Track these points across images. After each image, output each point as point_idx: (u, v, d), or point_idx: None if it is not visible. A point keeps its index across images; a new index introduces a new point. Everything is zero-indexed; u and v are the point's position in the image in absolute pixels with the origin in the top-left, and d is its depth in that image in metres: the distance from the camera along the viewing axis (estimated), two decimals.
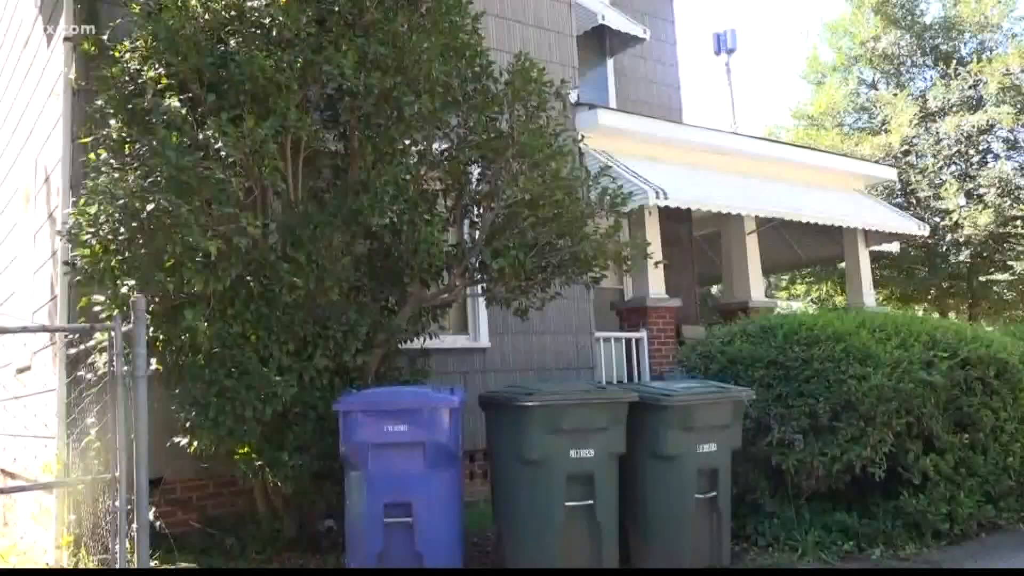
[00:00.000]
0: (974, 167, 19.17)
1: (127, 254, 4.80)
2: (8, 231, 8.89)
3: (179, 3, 5.19)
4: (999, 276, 18.80)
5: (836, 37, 22.69)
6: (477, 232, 5.92)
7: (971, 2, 20.55)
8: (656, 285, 9.70)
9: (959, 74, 19.57)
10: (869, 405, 5.64)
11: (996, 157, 19.61)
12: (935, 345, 6.20)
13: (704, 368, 6.48)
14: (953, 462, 5.98)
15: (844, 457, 5.67)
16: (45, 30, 7.12)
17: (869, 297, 11.77)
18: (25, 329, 4.72)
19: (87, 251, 4.87)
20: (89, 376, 5.05)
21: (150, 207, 4.57)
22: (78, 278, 5.06)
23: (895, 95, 20.46)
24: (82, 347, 5.28)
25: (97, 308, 5.03)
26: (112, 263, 4.83)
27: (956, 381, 6.10)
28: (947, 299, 20.73)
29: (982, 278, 19.11)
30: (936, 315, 18.85)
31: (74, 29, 6.12)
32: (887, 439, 5.73)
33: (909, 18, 21.10)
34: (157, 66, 5.16)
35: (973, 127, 18.71)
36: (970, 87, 19.39)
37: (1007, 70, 18.65)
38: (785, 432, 5.82)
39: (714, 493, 5.17)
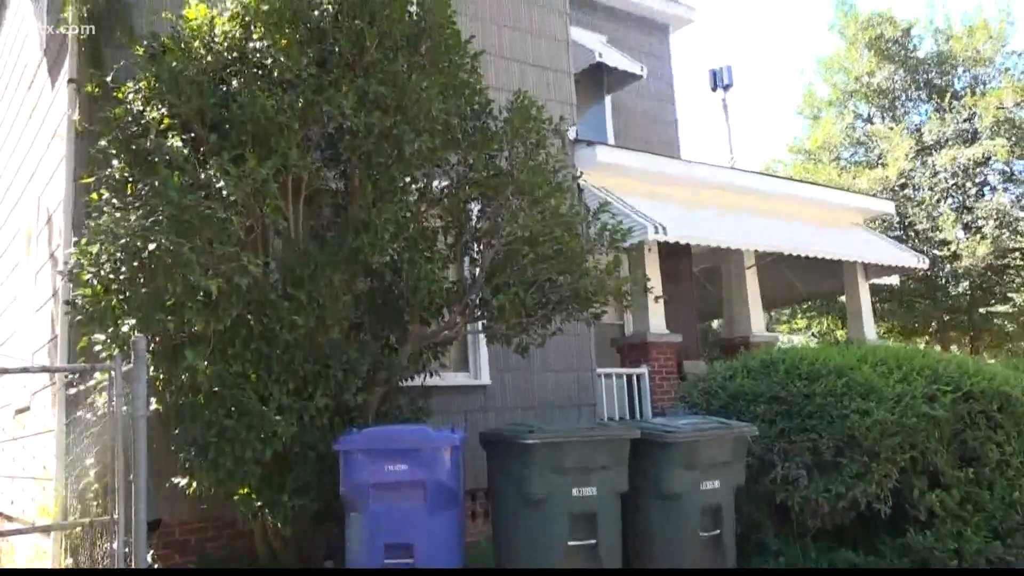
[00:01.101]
0: (971, 199, 19.27)
1: (128, 293, 4.81)
2: (9, 272, 8.90)
3: (182, 45, 5.27)
4: (999, 308, 18.80)
5: (831, 73, 22.96)
6: (477, 269, 5.93)
7: (963, 38, 20.84)
8: (657, 320, 9.69)
9: (953, 108, 19.76)
10: (873, 440, 5.61)
11: (993, 189, 19.74)
12: (937, 379, 6.18)
13: (706, 404, 6.45)
14: (959, 497, 5.92)
15: (849, 494, 5.62)
16: (50, 73, 7.21)
17: (870, 331, 11.75)
18: (25, 370, 4.71)
19: (88, 290, 4.87)
20: (88, 416, 5.02)
21: (151, 246, 4.58)
22: (79, 318, 5.06)
23: (891, 129, 20.64)
24: (81, 387, 5.26)
25: (97, 348, 5.02)
26: (113, 302, 4.83)
27: (960, 415, 6.07)
28: (948, 332, 20.71)
29: (982, 310, 19.11)
30: (938, 348, 18.83)
31: (78, 72, 6.20)
32: (892, 475, 5.68)
33: (902, 53, 21.37)
34: (160, 107, 5.21)
35: (969, 160, 18.85)
36: (965, 120, 19.58)
37: (1001, 104, 18.84)
38: (789, 469, 5.78)
39: (718, 531, 5.12)
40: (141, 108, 5.32)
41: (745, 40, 54.30)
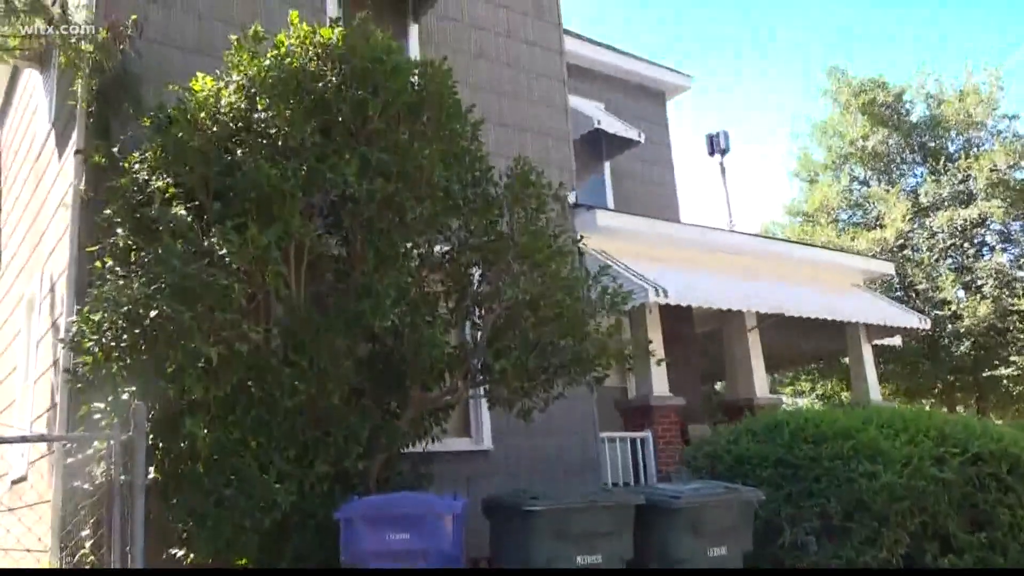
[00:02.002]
0: (970, 259, 19.36)
1: (129, 361, 4.80)
2: (10, 340, 8.90)
3: (188, 116, 5.37)
4: (1004, 371, 18.70)
5: (826, 137, 23.29)
6: (479, 333, 5.92)
7: (954, 102, 21.20)
8: (659, 383, 9.63)
9: (948, 170, 20.00)
10: (882, 504, 5.52)
11: (991, 249, 19.84)
12: (944, 440, 6.12)
13: (711, 468, 6.37)
14: (972, 562, 5.80)
15: (860, 560, 5.51)
16: (57, 144, 7.34)
17: (875, 392, 11.67)
18: (24, 439, 4.68)
19: (89, 358, 4.86)
20: (86, 486, 4.96)
21: (153, 313, 4.59)
22: (79, 385, 5.04)
23: (887, 191, 20.85)
24: (79, 456, 5.21)
25: (96, 416, 4.98)
26: (113, 370, 4.82)
27: (969, 478, 5.99)
28: (954, 393, 20.55)
29: (987, 372, 19.00)
30: (944, 410, 18.66)
31: (86, 143, 6.30)
32: (903, 540, 5.58)
33: (896, 118, 21.72)
34: (165, 176, 5.29)
35: (966, 221, 19.00)
36: (960, 182, 19.79)
37: (994, 166, 19.07)
38: (797, 534, 5.67)
39: None
40: (146, 178, 5.41)
41: (740, 104, 55.36)
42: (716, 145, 19.67)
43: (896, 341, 13.78)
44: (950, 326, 18.29)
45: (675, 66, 14.49)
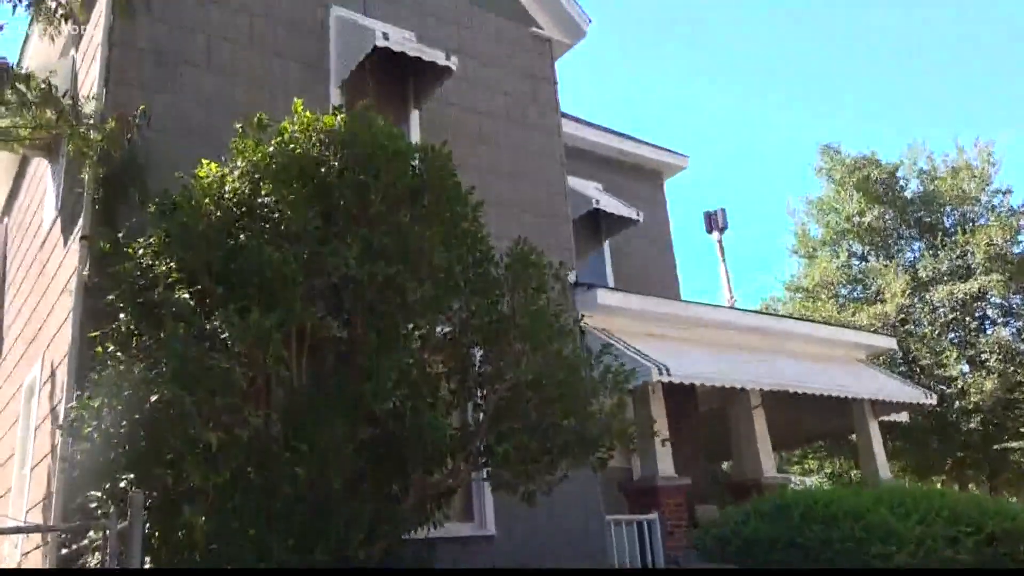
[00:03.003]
0: (972, 334, 19.32)
1: (127, 447, 4.74)
2: (8, 427, 8.83)
3: (193, 202, 5.45)
4: (1014, 444, 18.44)
5: (823, 213, 23.54)
6: (481, 415, 5.86)
7: (947, 178, 21.51)
8: (665, 463, 9.48)
9: (946, 244, 20.15)
10: None
11: (993, 323, 19.82)
12: (958, 520, 5.99)
13: (720, 551, 6.22)
14: None
15: None
16: (63, 231, 7.42)
17: (884, 470, 11.47)
18: (19, 530, 4.59)
19: (87, 445, 4.80)
20: None
21: (154, 398, 4.56)
22: (75, 473, 4.97)
23: (886, 266, 20.96)
24: (74, 547, 5.10)
25: (93, 505, 4.90)
26: (111, 457, 4.76)
27: (984, 559, 5.83)
28: (965, 470, 20.21)
29: (997, 447, 18.72)
30: (956, 487, 18.33)
31: (91, 229, 6.38)
32: None
33: (890, 194, 22.01)
34: (168, 261, 5.33)
35: (966, 295, 19.04)
36: (958, 257, 19.92)
37: (991, 240, 19.22)
38: None
39: None
40: (150, 262, 5.45)
41: (737, 181, 56.25)
42: (714, 222, 19.91)
43: (903, 417, 13.63)
44: (957, 402, 18.13)
45: (671, 147, 14.76)
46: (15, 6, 6.60)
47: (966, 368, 18.68)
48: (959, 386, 18.13)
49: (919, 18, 46.16)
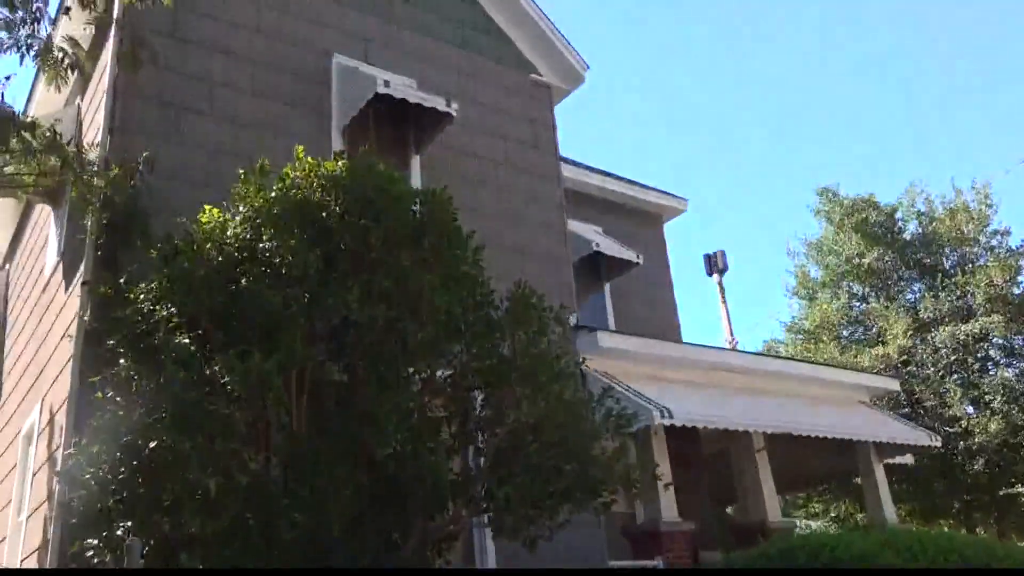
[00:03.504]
0: (975, 375, 19.23)
1: (125, 494, 4.70)
2: (5, 475, 8.75)
3: (194, 247, 5.48)
4: (1021, 488, 18.23)
5: (822, 255, 23.58)
6: (482, 459, 5.82)
7: (945, 219, 21.59)
8: (668, 508, 9.36)
9: (946, 285, 20.16)
10: None
11: (995, 364, 19.75)
12: (966, 563, 5.90)
13: None
14: None
15: None
16: (64, 276, 7.45)
17: (890, 513, 11.32)
18: None
19: (84, 492, 4.76)
20: None
21: (152, 444, 4.53)
22: (73, 520, 4.92)
23: (886, 307, 20.93)
24: None
25: (89, 553, 4.84)
26: (109, 503, 4.71)
27: None
28: (972, 513, 19.96)
29: (1004, 491, 18.51)
30: (963, 530, 18.08)
31: (93, 274, 6.40)
32: None
33: (889, 236, 22.07)
34: (169, 306, 5.33)
35: (967, 336, 19.00)
36: (959, 298, 19.92)
37: (991, 281, 19.24)
38: None
39: None
40: (151, 307, 5.45)
41: (736, 223, 56.53)
42: (714, 264, 19.97)
43: (908, 460, 13.51)
44: (962, 443, 17.98)
45: (670, 190, 14.86)
46: (23, 56, 6.72)
47: (970, 409, 18.56)
48: (963, 427, 17.99)
49: (914, 58, 46.85)
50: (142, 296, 5.55)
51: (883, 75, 49.17)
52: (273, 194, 5.68)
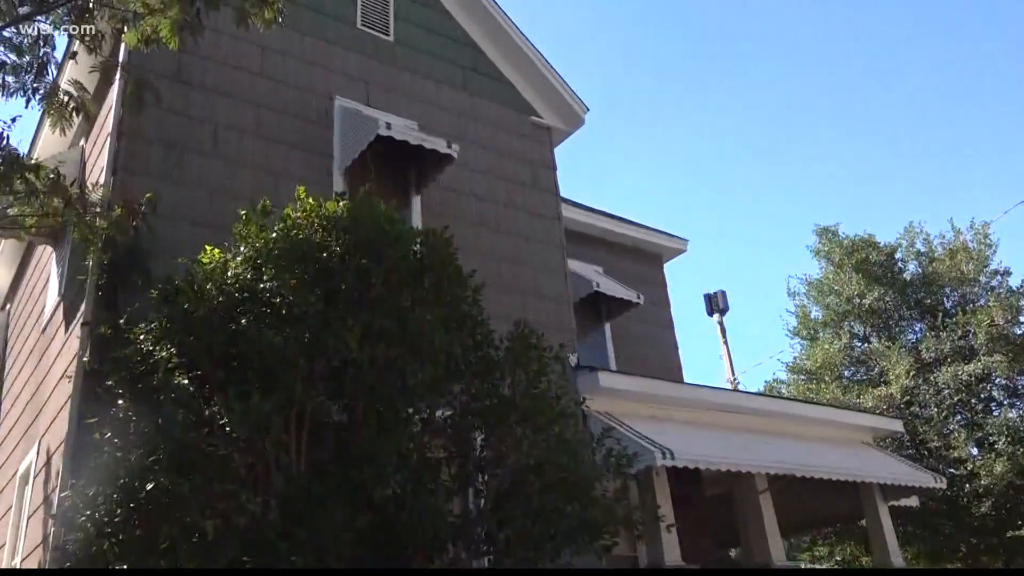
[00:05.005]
0: (979, 415, 19.10)
1: (121, 537, 4.64)
2: (0, 517, 8.66)
3: (195, 287, 5.48)
4: None
5: (822, 295, 23.57)
6: (482, 500, 5.76)
7: (945, 260, 21.63)
8: (671, 551, 9.23)
9: (947, 325, 20.11)
10: None
11: (999, 404, 19.62)
12: None
13: None
14: None
15: None
16: (65, 316, 7.44)
17: (896, 557, 11.17)
18: None
19: (80, 535, 4.71)
20: None
21: (150, 486, 4.49)
22: (67, 564, 4.85)
23: (888, 347, 20.86)
24: None
25: None
26: (104, 546, 4.65)
27: None
28: (979, 556, 19.66)
29: (1011, 534, 18.26)
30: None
31: (93, 315, 6.40)
32: None
33: (889, 276, 22.09)
34: (169, 346, 5.33)
35: (970, 376, 18.91)
36: (960, 338, 19.86)
37: (992, 321, 19.21)
38: None
39: None
40: (151, 348, 5.44)
41: (736, 262, 56.65)
42: (715, 305, 19.98)
43: (913, 502, 13.37)
44: (968, 485, 17.79)
45: (670, 230, 14.92)
46: (28, 100, 6.79)
47: (975, 450, 18.39)
48: (969, 469, 17.82)
49: (911, 95, 47.40)
50: (142, 336, 5.55)
51: (882, 115, 49.71)
52: (274, 234, 5.71)
